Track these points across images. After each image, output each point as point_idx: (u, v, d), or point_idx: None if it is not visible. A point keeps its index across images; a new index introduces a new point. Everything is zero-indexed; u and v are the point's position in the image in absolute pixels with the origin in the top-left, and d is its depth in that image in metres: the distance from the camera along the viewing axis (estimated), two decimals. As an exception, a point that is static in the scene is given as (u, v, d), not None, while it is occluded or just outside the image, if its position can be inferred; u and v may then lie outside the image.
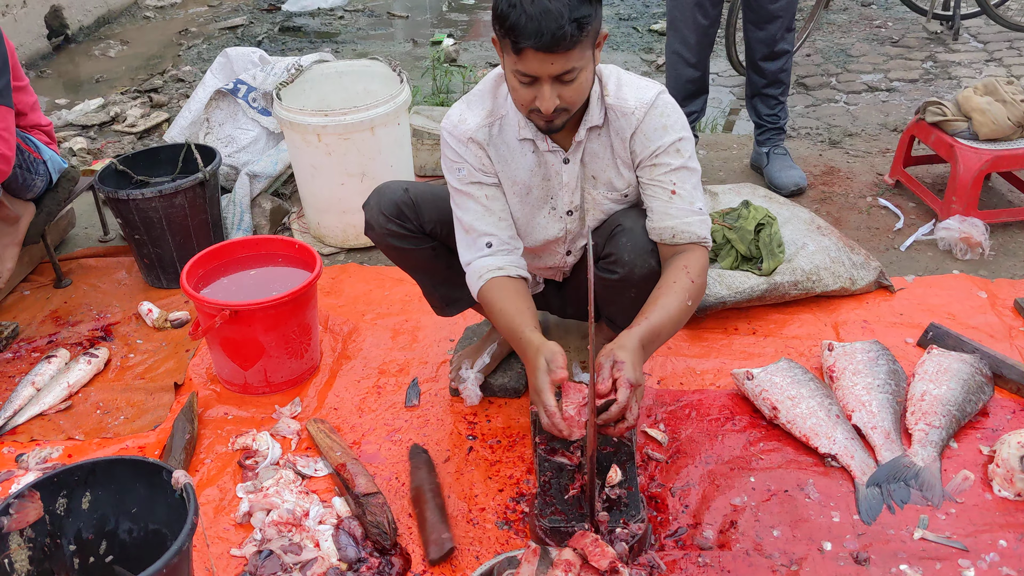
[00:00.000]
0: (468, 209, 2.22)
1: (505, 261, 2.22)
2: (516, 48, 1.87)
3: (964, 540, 2.13)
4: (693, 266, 2.14)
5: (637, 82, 2.16)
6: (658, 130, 2.12)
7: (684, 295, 2.10)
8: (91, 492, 1.96)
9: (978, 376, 2.54)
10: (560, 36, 1.82)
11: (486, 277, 2.20)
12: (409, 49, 6.40)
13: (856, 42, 5.90)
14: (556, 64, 1.88)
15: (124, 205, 3.18)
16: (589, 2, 1.87)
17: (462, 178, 2.20)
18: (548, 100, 1.94)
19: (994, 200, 3.65)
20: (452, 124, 2.20)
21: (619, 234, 2.21)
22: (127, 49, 6.54)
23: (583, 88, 1.99)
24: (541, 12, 1.81)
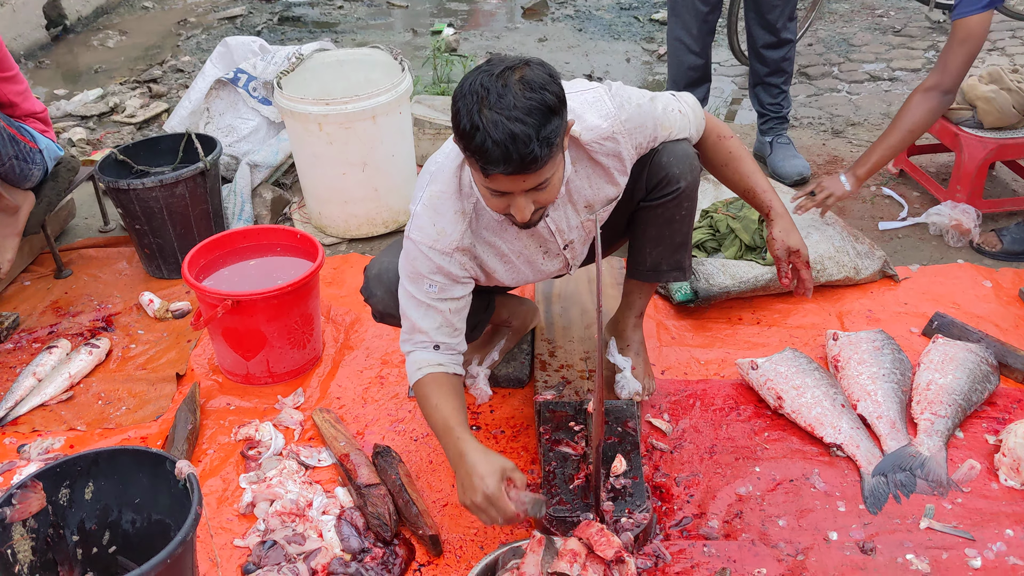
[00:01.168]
0: (427, 318, 2.08)
1: (446, 359, 2.11)
2: (484, 172, 1.75)
3: (970, 529, 2.12)
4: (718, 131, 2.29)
5: (583, 99, 2.02)
6: (636, 120, 2.06)
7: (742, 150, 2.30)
8: (94, 482, 1.96)
9: (984, 365, 2.53)
10: (530, 160, 1.70)
11: (425, 370, 2.09)
12: (409, 39, 6.37)
13: (858, 31, 5.88)
14: (528, 181, 1.77)
15: (125, 195, 3.16)
16: (556, 112, 1.72)
17: (430, 293, 2.06)
18: (524, 210, 1.83)
19: (998, 189, 3.64)
20: (431, 239, 2.02)
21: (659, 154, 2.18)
22: (126, 39, 6.51)
23: (557, 187, 1.87)
24: (507, 137, 1.67)
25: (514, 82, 1.70)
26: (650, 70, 5.66)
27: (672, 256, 2.37)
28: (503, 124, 1.67)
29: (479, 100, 1.69)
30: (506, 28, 6.51)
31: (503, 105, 1.68)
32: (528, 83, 1.70)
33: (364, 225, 3.51)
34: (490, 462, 1.90)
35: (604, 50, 5.97)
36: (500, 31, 6.44)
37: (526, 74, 1.71)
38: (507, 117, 1.67)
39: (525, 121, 1.67)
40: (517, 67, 1.72)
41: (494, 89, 1.69)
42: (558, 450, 2.30)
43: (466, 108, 1.71)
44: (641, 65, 5.72)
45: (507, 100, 1.68)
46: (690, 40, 3.69)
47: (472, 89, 1.71)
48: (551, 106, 1.71)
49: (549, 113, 1.70)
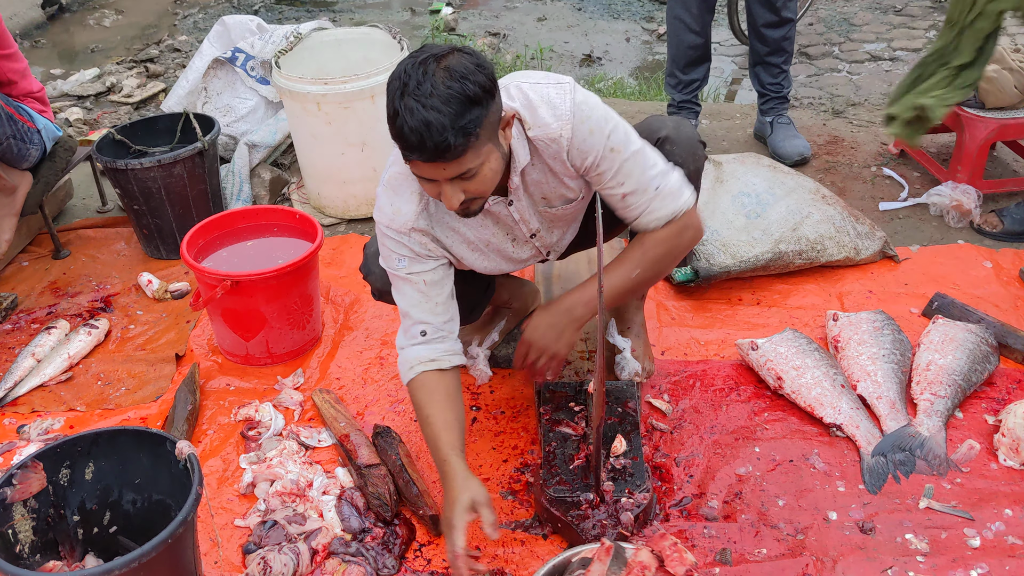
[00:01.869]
0: (405, 295, 2.09)
1: (439, 351, 2.10)
2: (405, 156, 1.76)
3: (969, 509, 2.13)
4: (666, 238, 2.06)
5: (545, 93, 1.93)
6: (587, 140, 1.93)
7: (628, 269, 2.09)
8: (94, 463, 1.96)
9: (983, 346, 2.53)
10: (444, 148, 1.68)
11: (417, 369, 2.08)
12: (407, 18, 6.34)
13: (859, 11, 5.85)
14: (448, 169, 1.75)
15: (123, 175, 3.15)
16: (477, 103, 1.70)
17: (401, 268, 2.07)
18: (451, 198, 1.81)
19: (999, 170, 3.63)
20: (388, 218, 2.03)
21: (663, 143, 2.12)
22: (122, 18, 6.47)
23: (490, 178, 1.83)
24: (422, 124, 1.66)
25: (436, 70, 1.69)
26: (650, 50, 5.63)
27: None
28: (419, 111, 1.66)
29: (402, 86, 1.69)
30: (505, 7, 6.47)
31: (421, 92, 1.67)
32: (451, 71, 1.69)
33: (363, 205, 3.49)
34: (464, 491, 1.91)
35: (603, 29, 5.94)
36: (499, 10, 6.40)
37: (451, 62, 1.70)
38: (424, 104, 1.66)
39: (441, 109, 1.66)
40: (443, 55, 1.71)
41: (415, 76, 1.68)
42: (558, 430, 2.30)
43: (390, 93, 1.72)
44: (641, 44, 5.70)
45: (425, 88, 1.67)
46: (690, 19, 3.67)
47: (397, 75, 1.72)
48: (471, 96, 1.69)
49: (469, 103, 1.69)
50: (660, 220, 2.03)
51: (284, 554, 2.03)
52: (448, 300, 2.13)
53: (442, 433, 2.02)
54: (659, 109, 4.32)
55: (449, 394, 2.08)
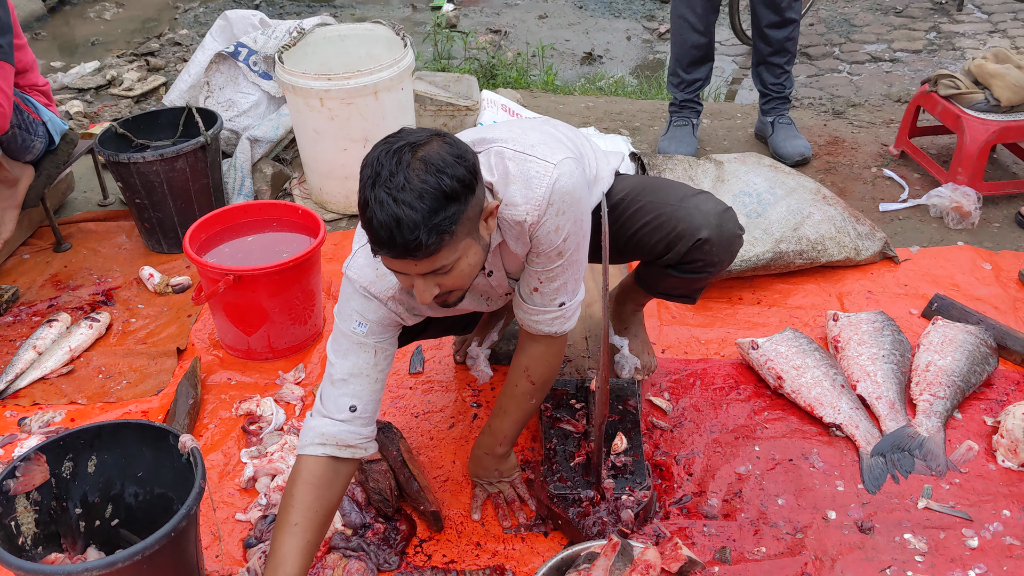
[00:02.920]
0: (351, 359, 1.92)
1: (356, 437, 1.92)
2: (373, 250, 1.62)
3: (968, 510, 2.14)
4: (535, 366, 2.05)
5: (525, 168, 1.80)
6: (551, 233, 1.82)
7: (524, 399, 2.10)
8: (97, 456, 1.96)
9: (983, 347, 2.54)
10: (415, 246, 1.55)
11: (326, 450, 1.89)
12: (408, 14, 6.33)
13: (860, 12, 5.86)
14: (420, 267, 1.62)
15: (125, 169, 3.15)
16: (454, 199, 1.57)
17: (359, 333, 1.91)
18: (424, 293, 1.68)
19: (999, 172, 3.64)
20: (368, 280, 1.87)
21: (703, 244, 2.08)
22: (122, 12, 6.46)
23: (467, 272, 1.71)
24: (392, 219, 1.53)
25: (412, 161, 1.55)
26: (651, 48, 5.64)
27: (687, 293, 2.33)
28: (390, 205, 1.53)
29: (374, 175, 1.56)
30: (506, 4, 6.47)
31: (393, 185, 1.53)
32: (427, 163, 1.55)
33: (365, 201, 3.49)
34: None
35: (605, 28, 5.95)
36: (500, 7, 6.40)
37: (427, 153, 1.56)
38: (395, 199, 1.53)
39: (414, 205, 1.53)
40: (420, 144, 1.58)
41: (388, 165, 1.55)
42: (559, 427, 2.31)
43: (362, 181, 1.59)
44: (641, 43, 5.70)
45: (398, 180, 1.54)
46: (694, 18, 3.67)
47: (369, 161, 1.58)
48: (448, 192, 1.55)
49: (445, 199, 1.55)
50: (538, 331, 2.00)
51: (285, 548, 2.04)
52: (383, 377, 1.98)
53: (296, 560, 1.81)
54: (660, 108, 4.33)
55: (328, 510, 1.89)
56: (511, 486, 2.22)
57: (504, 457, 2.19)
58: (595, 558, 1.80)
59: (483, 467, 2.20)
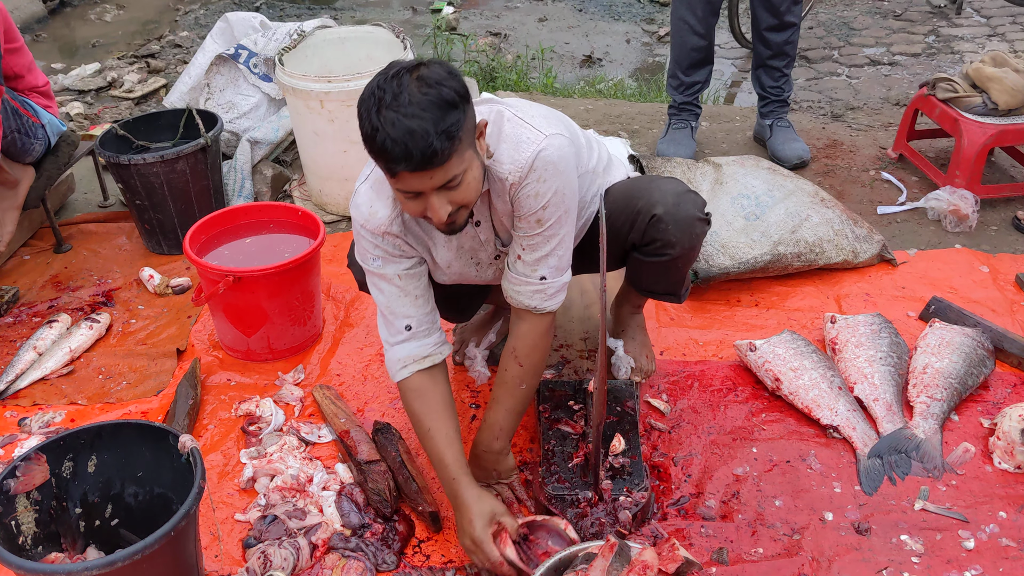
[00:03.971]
0: (382, 291, 2.08)
1: (428, 346, 2.10)
2: (391, 172, 1.73)
3: (964, 511, 2.15)
4: (521, 346, 2.09)
5: (518, 134, 1.92)
6: (531, 198, 1.92)
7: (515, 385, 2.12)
8: (97, 456, 1.97)
9: (979, 350, 2.55)
10: (431, 154, 1.67)
11: (410, 369, 2.09)
12: (408, 16, 6.35)
13: (859, 15, 5.87)
14: (436, 178, 1.73)
15: (125, 170, 3.16)
16: (454, 107, 1.70)
17: (375, 266, 2.06)
18: (440, 210, 1.79)
19: (997, 175, 3.65)
20: (364, 217, 2.01)
21: (657, 222, 2.14)
22: (123, 14, 6.47)
23: (474, 187, 1.82)
24: (405, 133, 1.65)
25: (410, 81, 1.68)
26: (650, 51, 5.65)
27: (669, 286, 2.38)
28: (400, 121, 1.65)
29: (377, 102, 1.68)
30: (506, 7, 6.49)
31: (399, 103, 1.66)
32: (424, 80, 1.68)
33: (364, 203, 3.50)
34: (481, 505, 1.97)
35: (604, 30, 5.96)
36: (499, 10, 6.42)
37: (422, 72, 1.70)
38: (404, 114, 1.65)
39: (422, 116, 1.66)
40: (413, 68, 1.71)
41: (390, 89, 1.68)
42: (557, 429, 2.32)
43: (365, 111, 1.70)
44: (641, 46, 5.71)
45: (403, 98, 1.67)
46: (694, 21, 3.68)
47: (370, 92, 1.71)
48: (448, 100, 1.69)
49: (447, 107, 1.68)
50: (520, 303, 2.06)
51: (284, 548, 2.05)
52: (426, 291, 2.12)
53: (446, 450, 2.04)
54: (659, 110, 4.34)
55: (444, 401, 2.09)
56: (509, 488, 2.22)
57: (502, 455, 2.19)
58: (593, 559, 1.81)
59: (481, 467, 2.20)
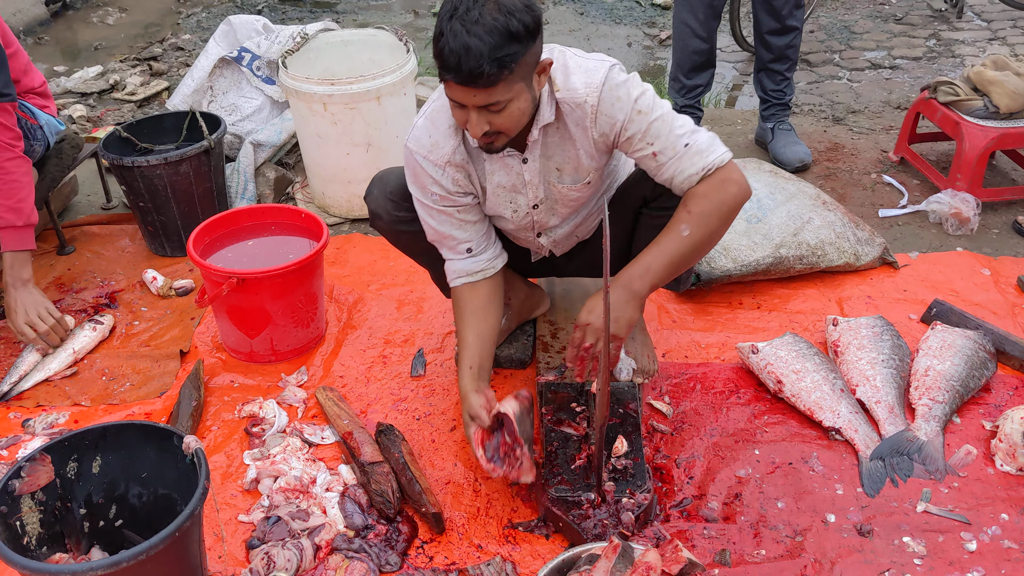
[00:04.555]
0: (440, 221, 2.20)
1: (482, 261, 2.26)
2: (441, 76, 1.85)
3: (966, 513, 2.15)
4: (693, 201, 2.04)
5: (585, 64, 2.03)
6: (614, 105, 2.01)
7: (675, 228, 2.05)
8: (101, 456, 1.98)
9: (981, 352, 2.55)
10: (477, 74, 1.78)
11: (458, 282, 2.27)
12: (410, 20, 6.36)
13: (860, 19, 5.88)
14: (478, 97, 1.85)
15: (129, 172, 3.16)
16: (517, 40, 1.79)
17: (435, 200, 2.16)
18: (475, 126, 1.91)
19: (998, 179, 3.66)
20: (425, 148, 2.11)
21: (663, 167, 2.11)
22: (125, 16, 6.48)
23: (515, 117, 1.92)
24: (462, 48, 1.77)
25: (487, 1, 1.79)
26: (651, 55, 5.66)
27: None
28: (462, 35, 1.77)
29: (452, 9, 1.81)
30: (508, 10, 6.49)
31: (468, 18, 1.78)
32: (500, 5, 1.79)
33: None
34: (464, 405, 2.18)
35: (605, 34, 5.97)
36: (502, 13, 6.42)
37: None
38: (468, 30, 1.77)
39: (482, 38, 1.76)
40: None
41: (465, 2, 1.80)
42: (560, 430, 2.32)
43: (441, 15, 1.83)
44: (642, 50, 5.72)
45: (473, 14, 1.78)
46: (696, 24, 3.69)
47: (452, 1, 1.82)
48: (514, 32, 1.78)
49: (510, 37, 1.78)
50: (694, 176, 2.03)
51: (287, 549, 2.05)
52: (483, 218, 2.26)
53: (463, 351, 2.24)
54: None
55: (478, 307, 2.26)
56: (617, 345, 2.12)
57: (637, 300, 2.06)
58: (596, 560, 1.81)
59: (600, 306, 2.01)
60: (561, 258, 2.54)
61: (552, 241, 2.41)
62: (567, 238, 2.42)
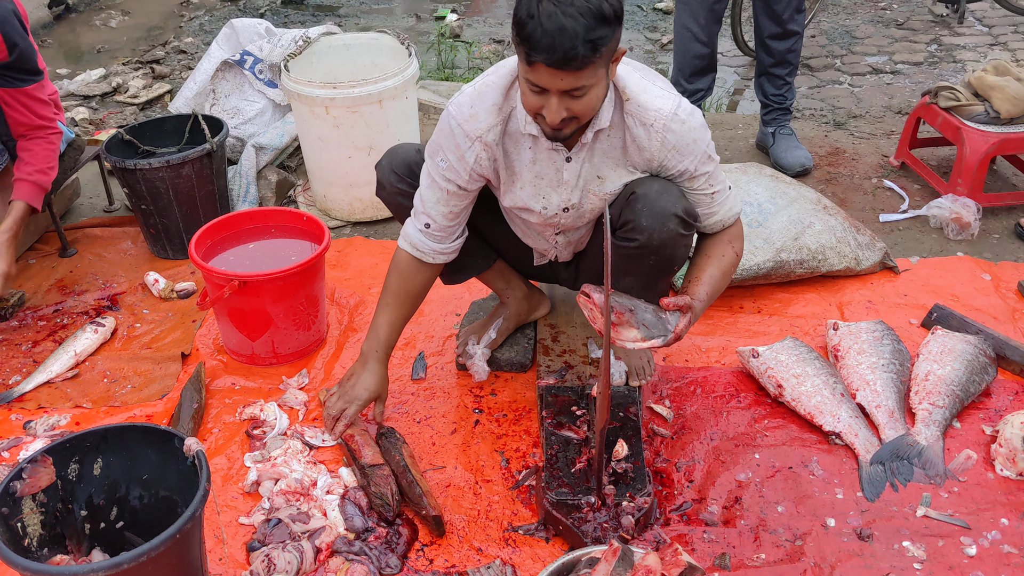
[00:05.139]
0: (430, 188, 2.23)
1: (427, 245, 2.30)
2: (528, 59, 1.84)
3: (966, 518, 2.15)
4: (736, 238, 2.24)
5: (656, 89, 2.08)
6: (688, 145, 2.08)
7: (730, 268, 2.23)
8: (103, 458, 1.98)
9: (982, 357, 2.56)
10: (572, 56, 1.79)
11: (403, 246, 2.33)
12: (412, 24, 6.37)
13: (861, 24, 5.89)
14: (566, 81, 1.85)
15: (131, 175, 3.17)
16: (607, 23, 1.81)
17: (440, 167, 2.18)
18: (555, 112, 1.91)
19: (999, 184, 3.66)
20: (464, 116, 2.12)
21: (634, 201, 2.14)
22: (128, 19, 6.50)
23: (593, 103, 1.95)
24: (557, 29, 1.77)
25: None
26: (652, 59, 5.66)
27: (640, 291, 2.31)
28: (557, 16, 1.77)
29: None
30: (509, 15, 6.50)
31: (561, 1, 1.78)
32: None
33: (369, 209, 3.52)
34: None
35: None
36: (503, 17, 6.44)
37: None
38: (562, 11, 1.77)
39: (577, 19, 1.77)
40: None
41: None
42: (560, 434, 2.32)
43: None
44: (644, 54, 5.73)
45: None
46: (697, 29, 3.70)
47: None
48: (606, 14, 1.80)
49: (603, 20, 1.80)
50: (729, 219, 2.23)
51: (288, 552, 2.06)
52: (462, 214, 2.28)
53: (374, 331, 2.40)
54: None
55: (412, 293, 2.37)
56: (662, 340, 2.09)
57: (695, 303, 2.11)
58: (596, 563, 1.81)
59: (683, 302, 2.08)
60: (560, 264, 2.54)
61: (568, 241, 2.41)
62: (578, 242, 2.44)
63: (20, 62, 2.87)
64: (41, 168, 2.96)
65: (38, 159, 2.96)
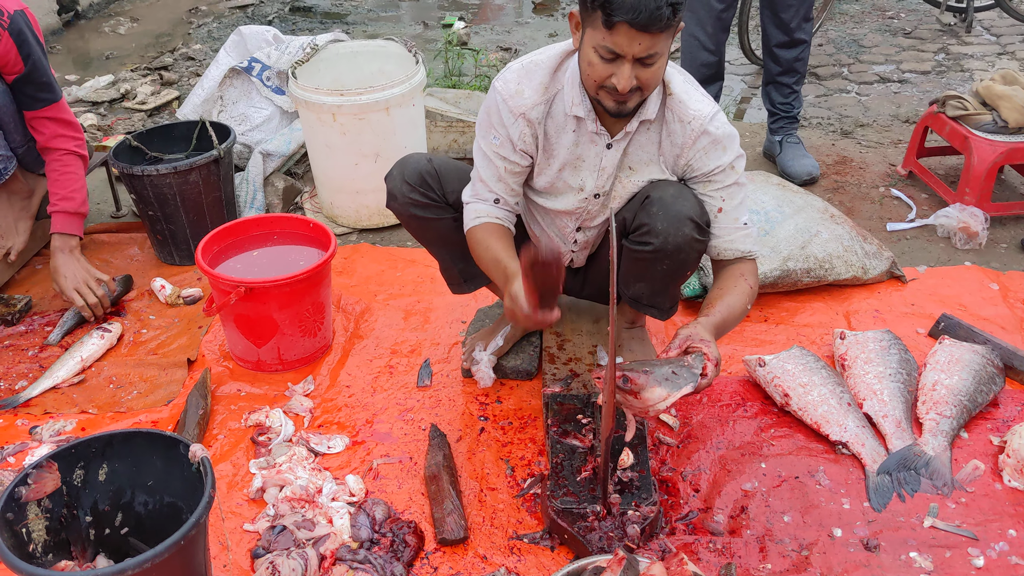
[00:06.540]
0: (488, 168, 2.26)
1: (504, 217, 2.30)
2: (608, 22, 1.86)
3: (974, 529, 2.14)
4: (749, 275, 2.24)
5: (698, 94, 2.16)
6: (718, 149, 2.14)
7: (745, 299, 2.22)
8: (108, 464, 1.98)
9: (989, 367, 2.55)
10: (657, 16, 1.83)
11: (483, 219, 2.28)
12: (419, 31, 6.38)
13: (868, 32, 5.89)
14: (643, 44, 1.89)
15: (138, 181, 3.18)
16: None
17: (493, 144, 2.22)
18: (626, 79, 1.94)
19: (1007, 193, 3.65)
20: (509, 92, 2.18)
21: (649, 204, 2.18)
22: (137, 26, 6.52)
23: (659, 74, 1.99)
24: None
25: None
26: (660, 67, 5.66)
27: (652, 297, 2.40)
28: None
29: None
30: (516, 22, 6.52)
31: None
32: None
33: (375, 216, 3.52)
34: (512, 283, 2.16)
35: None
36: (510, 25, 6.45)
37: None
38: None
39: None
40: None
41: None
42: (565, 442, 2.32)
43: None
44: (651, 62, 5.73)
45: None
46: (704, 37, 3.70)
47: None
48: None
49: None
50: (734, 252, 2.24)
51: (292, 559, 2.05)
52: (518, 189, 2.32)
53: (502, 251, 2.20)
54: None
55: (507, 236, 2.28)
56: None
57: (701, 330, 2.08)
58: (601, 572, 1.81)
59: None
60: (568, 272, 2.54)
61: (585, 241, 2.43)
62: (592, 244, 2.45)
63: (36, 74, 2.88)
64: (64, 195, 3.04)
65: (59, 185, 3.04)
